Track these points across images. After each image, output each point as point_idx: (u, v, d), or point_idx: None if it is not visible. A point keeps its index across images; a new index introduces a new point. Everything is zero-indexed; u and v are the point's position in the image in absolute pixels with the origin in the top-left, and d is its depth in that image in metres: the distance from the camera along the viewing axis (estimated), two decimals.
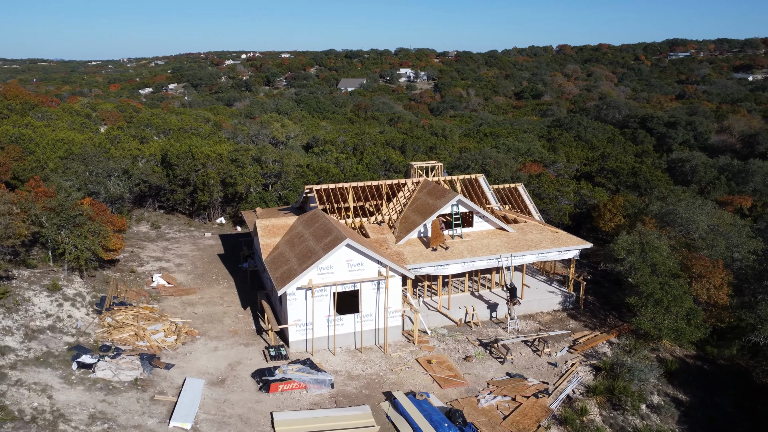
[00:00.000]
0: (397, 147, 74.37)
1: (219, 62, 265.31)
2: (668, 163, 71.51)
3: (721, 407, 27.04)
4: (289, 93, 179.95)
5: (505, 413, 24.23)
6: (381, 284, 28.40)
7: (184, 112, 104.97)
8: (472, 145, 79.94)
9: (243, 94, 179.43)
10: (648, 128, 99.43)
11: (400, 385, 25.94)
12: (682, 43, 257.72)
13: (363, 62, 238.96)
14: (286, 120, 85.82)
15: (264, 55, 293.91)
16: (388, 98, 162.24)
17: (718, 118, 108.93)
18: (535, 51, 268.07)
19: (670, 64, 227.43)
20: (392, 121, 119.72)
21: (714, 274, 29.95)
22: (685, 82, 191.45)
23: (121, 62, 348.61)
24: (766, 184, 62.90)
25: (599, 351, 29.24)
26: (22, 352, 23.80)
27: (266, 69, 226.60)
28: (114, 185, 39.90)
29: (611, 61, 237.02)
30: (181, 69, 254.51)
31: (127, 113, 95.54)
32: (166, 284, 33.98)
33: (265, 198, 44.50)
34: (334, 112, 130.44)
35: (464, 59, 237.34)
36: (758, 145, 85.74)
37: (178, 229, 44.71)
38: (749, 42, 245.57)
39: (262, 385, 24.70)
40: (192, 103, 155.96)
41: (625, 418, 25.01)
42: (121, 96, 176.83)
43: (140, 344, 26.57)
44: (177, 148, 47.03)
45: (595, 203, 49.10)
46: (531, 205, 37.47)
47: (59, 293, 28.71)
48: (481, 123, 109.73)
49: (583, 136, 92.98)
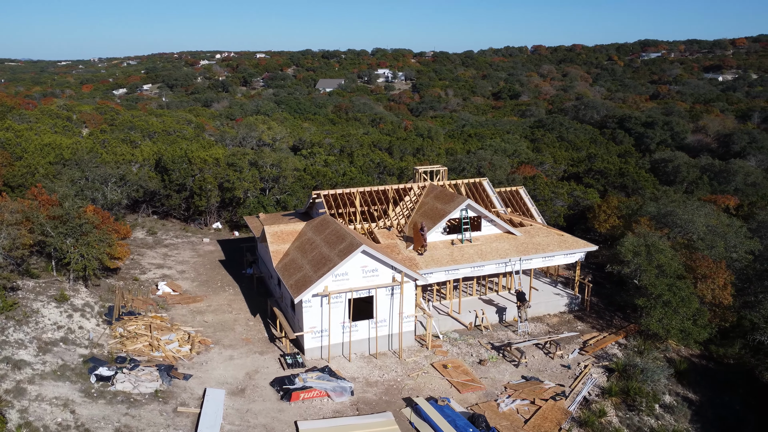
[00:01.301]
0: (384, 149, 74.44)
1: (194, 62, 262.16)
2: (651, 163, 72.83)
3: (730, 406, 27.73)
4: (267, 94, 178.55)
5: (526, 417, 24.51)
6: (395, 290, 28.47)
7: (164, 114, 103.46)
8: (457, 147, 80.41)
9: (220, 95, 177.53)
10: (626, 128, 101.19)
11: (418, 390, 26.03)
12: (654, 43, 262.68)
13: (340, 62, 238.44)
14: (272, 122, 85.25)
15: (239, 55, 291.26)
16: (367, 99, 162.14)
17: (693, 118, 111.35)
18: (511, 51, 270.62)
19: (642, 64, 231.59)
20: (374, 122, 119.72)
21: (718, 274, 30.67)
22: (658, 82, 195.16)
23: (92, 62, 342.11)
24: (747, 184, 64.53)
25: (609, 352, 29.73)
26: (38, 365, 23.31)
27: (243, 69, 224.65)
28: (111, 191, 39.21)
29: (585, 62, 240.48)
30: (155, 69, 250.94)
31: (107, 115, 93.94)
32: (172, 292, 33.55)
33: (264, 202, 44.18)
34: (315, 113, 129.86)
35: (441, 59, 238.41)
36: (733, 145, 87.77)
37: (174, 235, 44.13)
38: (718, 43, 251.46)
39: (283, 394, 24.57)
40: (169, 105, 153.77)
41: (641, 418, 25.49)
42: (94, 97, 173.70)
43: (155, 355, 26.21)
44: (172, 153, 46.41)
45: (588, 204, 49.86)
46: (533, 208, 37.89)
47: (67, 304, 28.16)
48: (465, 124, 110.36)
49: (566, 137, 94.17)
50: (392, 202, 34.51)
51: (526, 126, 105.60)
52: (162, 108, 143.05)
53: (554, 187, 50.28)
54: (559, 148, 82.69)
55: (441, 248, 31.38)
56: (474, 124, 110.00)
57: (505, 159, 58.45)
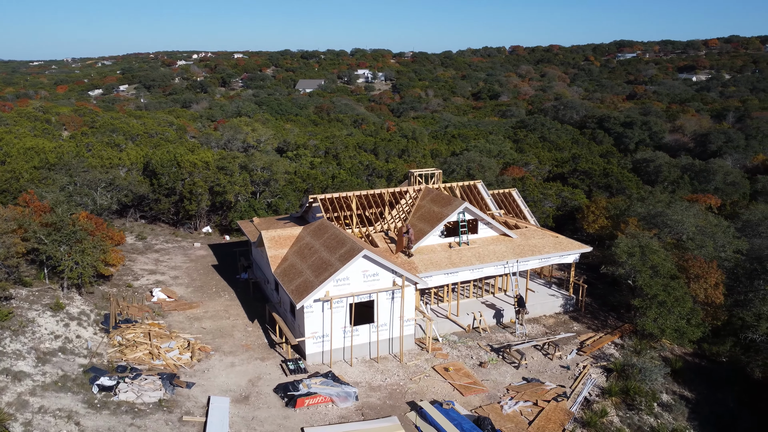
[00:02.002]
0: (369, 150, 74.47)
1: (171, 63, 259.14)
2: (633, 163, 73.89)
3: (724, 403, 28.29)
4: (246, 94, 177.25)
5: (529, 418, 24.74)
6: (395, 294, 28.53)
7: (144, 116, 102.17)
8: (442, 148, 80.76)
9: (199, 96, 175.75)
10: (606, 128, 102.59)
11: (421, 394, 26.12)
12: (629, 44, 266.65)
13: (320, 63, 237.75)
14: (256, 124, 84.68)
15: (217, 56, 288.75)
16: (348, 99, 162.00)
17: (670, 118, 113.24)
18: (489, 52, 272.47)
19: (618, 64, 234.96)
20: (356, 122, 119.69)
21: (709, 274, 31.28)
22: (634, 82, 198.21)
23: (65, 62, 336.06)
24: (726, 183, 65.80)
25: (606, 352, 30.15)
26: (38, 376, 22.89)
27: (221, 70, 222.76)
28: (101, 197, 38.62)
29: (562, 62, 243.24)
30: (131, 70, 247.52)
31: (86, 117, 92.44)
32: (167, 299, 33.19)
33: (255, 206, 43.89)
34: (297, 114, 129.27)
35: (420, 60, 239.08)
36: (710, 144, 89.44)
37: (165, 240, 43.63)
38: (691, 44, 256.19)
39: (288, 401, 24.47)
40: (148, 106, 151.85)
41: (641, 417, 25.89)
42: (70, 98, 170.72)
43: (156, 363, 25.91)
44: (161, 156, 45.87)
45: (576, 205, 50.46)
46: (526, 210, 38.24)
47: (63, 312, 27.69)
48: (447, 125, 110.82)
49: (548, 137, 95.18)
50: (388, 206, 34.57)
51: (509, 126, 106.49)
52: (140, 109, 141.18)
53: (543, 188, 50.79)
54: (542, 149, 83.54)
55: (439, 251, 31.53)
56: (457, 125, 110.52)
57: (492, 160, 58.82)
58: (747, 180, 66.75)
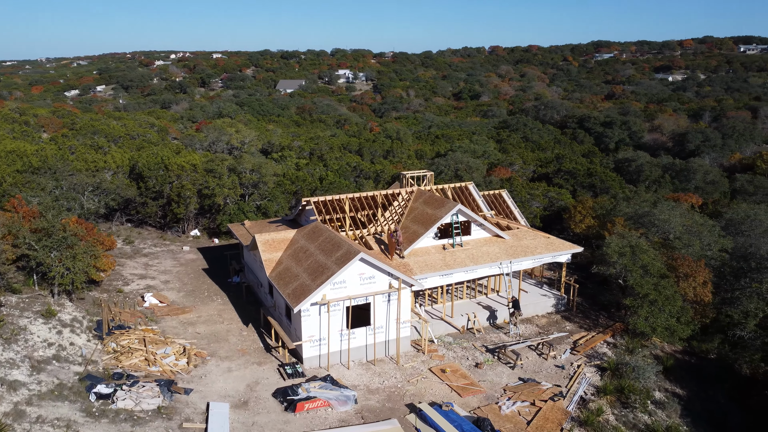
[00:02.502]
0: (354, 151, 74.42)
1: (148, 63, 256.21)
2: (615, 162, 74.84)
3: (715, 399, 28.88)
4: (226, 95, 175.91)
5: (528, 418, 24.98)
6: (392, 296, 28.60)
7: (124, 117, 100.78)
8: (426, 148, 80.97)
9: (178, 96, 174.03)
10: (586, 128, 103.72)
11: (420, 396, 26.22)
12: (606, 44, 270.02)
13: (300, 63, 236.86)
14: (240, 125, 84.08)
15: (195, 55, 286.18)
16: (330, 100, 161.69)
17: (648, 118, 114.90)
18: (469, 52, 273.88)
19: (596, 64, 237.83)
20: (339, 123, 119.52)
21: (698, 273, 31.87)
22: (612, 82, 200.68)
23: (39, 62, 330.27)
24: (706, 182, 66.99)
25: (599, 351, 30.55)
26: (34, 385, 22.53)
27: (200, 70, 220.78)
28: (88, 201, 38.08)
29: (541, 62, 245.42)
30: (108, 70, 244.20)
31: (66, 119, 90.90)
32: (160, 303, 32.86)
33: (244, 209, 43.63)
34: (279, 115, 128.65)
35: (401, 60, 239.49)
36: (688, 143, 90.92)
37: (153, 244, 43.16)
38: (666, 44, 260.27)
39: (288, 405, 24.40)
40: (127, 107, 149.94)
41: (635, 415, 26.29)
42: (45, 99, 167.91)
43: (152, 369, 25.65)
44: (147, 159, 45.36)
45: (563, 205, 50.99)
46: (516, 211, 38.56)
47: (55, 319, 27.28)
48: (430, 125, 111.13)
49: (530, 137, 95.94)
50: (381, 208, 34.62)
51: (491, 127, 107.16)
52: (119, 110, 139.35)
53: (530, 189, 51.25)
54: (525, 149, 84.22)
55: (433, 253, 31.67)
56: (440, 125, 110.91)
57: (478, 161, 59.18)
58: (726, 179, 68.03)
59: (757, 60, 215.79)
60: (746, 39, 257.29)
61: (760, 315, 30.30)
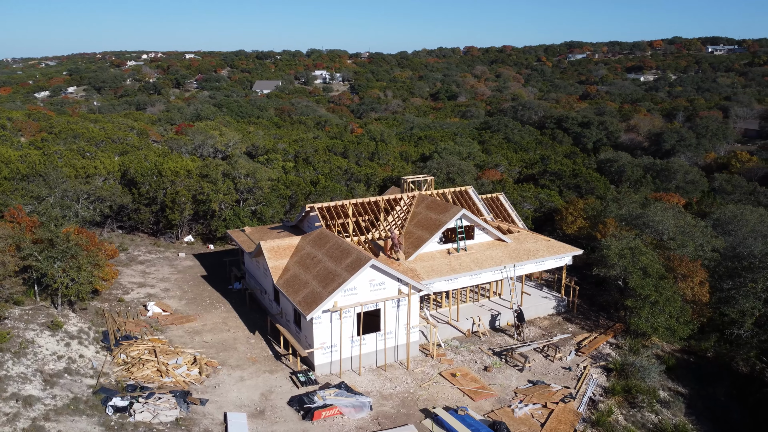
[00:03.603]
0: (339, 153, 74.36)
1: (120, 63, 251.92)
2: (597, 163, 76.04)
3: (715, 397, 29.69)
4: (202, 96, 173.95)
5: (541, 421, 25.40)
6: (401, 302, 28.79)
7: (101, 120, 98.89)
8: (410, 150, 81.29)
9: (153, 98, 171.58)
10: (564, 128, 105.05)
11: (433, 401, 26.45)
12: (578, 45, 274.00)
13: (276, 64, 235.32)
14: (223, 128, 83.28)
15: (167, 56, 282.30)
16: (308, 101, 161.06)
17: (623, 118, 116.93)
18: (444, 52, 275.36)
19: (569, 65, 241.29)
20: (319, 124, 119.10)
21: (695, 273, 32.71)
22: (586, 82, 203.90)
23: (6, 62, 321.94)
24: (686, 182, 68.53)
25: (603, 352, 31.16)
26: (49, 400, 22.16)
27: (174, 71, 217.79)
28: (83, 209, 37.43)
29: (516, 63, 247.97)
30: (79, 71, 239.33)
31: (42, 123, 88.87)
32: (163, 312, 32.49)
33: (240, 214, 43.32)
34: (258, 117, 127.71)
35: (377, 60, 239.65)
36: (664, 143, 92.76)
37: (147, 251, 42.60)
38: (637, 44, 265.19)
39: (305, 414, 24.41)
40: (101, 109, 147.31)
41: (643, 415, 26.91)
42: (14, 100, 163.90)
43: (165, 381, 25.40)
44: (138, 164, 44.74)
45: (553, 206, 51.71)
46: (514, 214, 39.05)
47: (62, 331, 26.83)
48: (412, 126, 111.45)
49: (512, 138, 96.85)
50: (383, 213, 34.75)
51: (472, 128, 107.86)
52: (94, 112, 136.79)
53: (521, 191, 51.87)
54: (507, 150, 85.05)
55: (439, 258, 31.93)
56: (422, 127, 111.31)
57: (469, 164, 59.68)
58: (705, 178, 69.66)
59: (725, 60, 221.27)
60: (713, 40, 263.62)
61: (757, 314, 31.23)
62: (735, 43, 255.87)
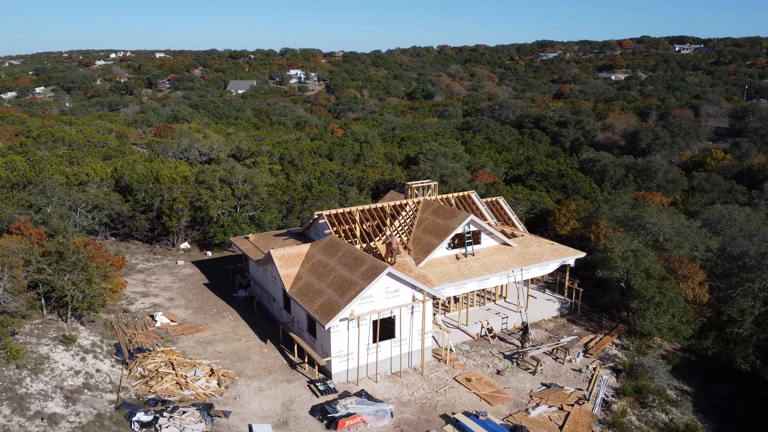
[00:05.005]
0: (324, 155, 74.23)
1: (88, 63, 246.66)
2: (580, 163, 77.24)
3: (719, 395, 30.64)
4: (175, 96, 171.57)
5: (559, 423, 25.91)
6: (415, 308, 29.03)
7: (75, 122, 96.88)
8: (395, 151, 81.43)
9: (125, 98, 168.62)
10: (542, 128, 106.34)
11: (451, 406, 26.76)
12: (550, 44, 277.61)
13: (250, 63, 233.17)
14: (207, 130, 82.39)
15: (137, 55, 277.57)
16: (285, 101, 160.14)
17: (598, 116, 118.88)
18: (418, 51, 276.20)
19: (542, 64, 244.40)
20: (299, 125, 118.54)
21: (695, 274, 33.64)
22: (559, 81, 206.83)
23: None
24: (667, 180, 70.09)
25: (610, 353, 31.86)
26: (73, 417, 21.84)
27: (146, 70, 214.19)
28: (82, 218, 36.77)
29: (489, 61, 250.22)
30: (45, 70, 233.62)
31: (17, 126, 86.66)
32: (171, 323, 32.15)
33: (238, 220, 43.00)
34: (237, 118, 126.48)
35: (352, 59, 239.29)
36: (640, 142, 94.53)
37: (144, 259, 42.02)
38: (607, 44, 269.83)
39: (329, 423, 24.49)
40: (74, 110, 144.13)
41: (654, 414, 27.65)
42: None
43: (185, 393, 25.20)
44: (136, 171, 44.07)
45: (545, 208, 52.49)
46: (514, 217, 39.60)
47: (75, 345, 26.41)
48: (394, 127, 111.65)
49: (493, 138, 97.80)
50: (390, 218, 34.93)
51: (453, 128, 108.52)
52: (66, 114, 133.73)
53: (514, 193, 52.52)
54: (490, 150, 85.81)
55: (448, 263, 32.25)
56: (403, 127, 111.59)
57: (461, 166, 60.15)
58: (684, 177, 71.31)
59: (692, 59, 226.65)
60: (680, 39, 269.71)
61: (756, 312, 32.28)
62: (701, 42, 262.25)
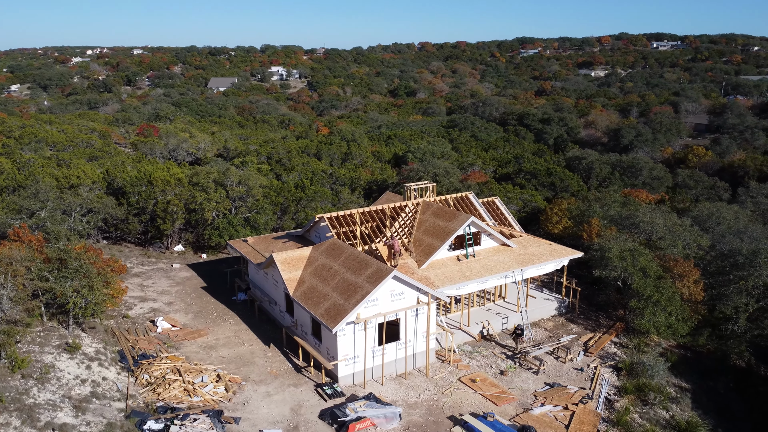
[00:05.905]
0: (312, 154, 74.02)
1: (65, 60, 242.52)
2: (566, 161, 77.95)
3: (716, 390, 31.30)
4: (155, 94, 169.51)
5: (564, 422, 26.28)
6: (419, 310, 29.19)
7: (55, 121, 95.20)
8: (382, 150, 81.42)
9: (104, 96, 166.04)
10: (526, 125, 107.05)
11: (458, 407, 26.98)
12: (530, 41, 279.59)
13: (231, 60, 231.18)
14: (194, 129, 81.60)
15: (114, 51, 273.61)
16: (268, 99, 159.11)
17: (580, 113, 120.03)
18: (399, 48, 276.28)
19: (522, 60, 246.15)
20: (283, 123, 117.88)
21: (690, 273, 34.28)
22: (540, 78, 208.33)
23: None
24: (652, 178, 71.08)
25: (609, 351, 32.36)
26: (84, 427, 21.63)
27: (125, 68, 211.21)
28: (77, 222, 36.26)
29: (470, 58, 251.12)
30: (20, 67, 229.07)
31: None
32: (172, 328, 31.92)
33: (233, 222, 42.74)
34: (220, 116, 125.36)
35: (333, 56, 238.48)
36: (622, 138, 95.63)
37: (139, 262, 41.58)
38: (586, 40, 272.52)
39: (339, 427, 24.55)
40: (52, 109, 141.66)
41: (656, 412, 28.15)
42: None
43: (194, 400, 25.08)
44: (128, 174, 43.55)
45: (536, 206, 52.97)
46: (510, 217, 39.94)
47: (80, 353, 26.11)
48: (379, 125, 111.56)
49: (479, 136, 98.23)
50: (389, 219, 35.01)
51: (438, 125, 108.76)
52: (45, 113, 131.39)
53: (506, 192, 52.91)
54: (477, 148, 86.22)
55: (450, 265, 32.46)
56: (388, 125, 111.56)
57: (453, 165, 60.42)
58: (668, 174, 72.36)
59: (669, 56, 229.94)
60: (658, 36, 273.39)
61: (750, 309, 33.01)
62: (678, 39, 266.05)
